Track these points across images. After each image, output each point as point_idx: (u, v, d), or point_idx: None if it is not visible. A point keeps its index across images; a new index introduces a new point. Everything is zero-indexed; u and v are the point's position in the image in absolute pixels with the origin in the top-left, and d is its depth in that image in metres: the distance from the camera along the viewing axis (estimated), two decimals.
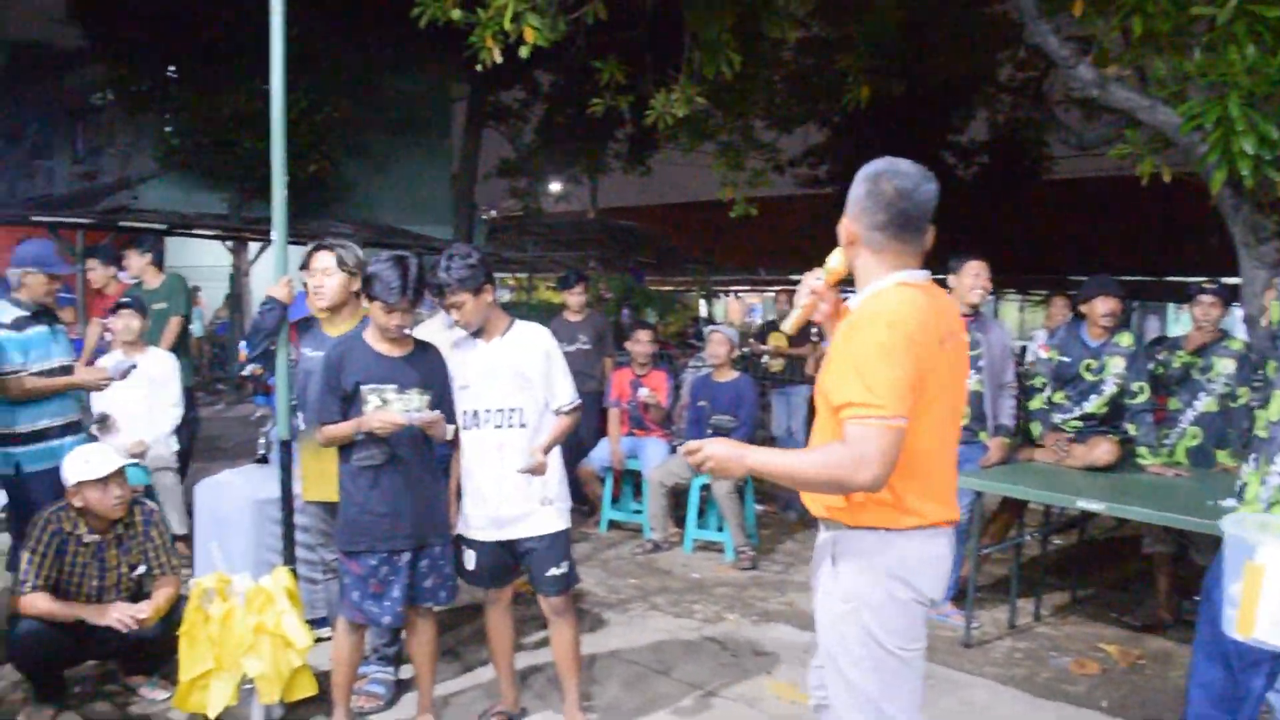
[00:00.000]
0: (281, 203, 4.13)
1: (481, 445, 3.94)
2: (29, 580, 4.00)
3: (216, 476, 4.98)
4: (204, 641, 3.92)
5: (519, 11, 6.61)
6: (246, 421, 12.59)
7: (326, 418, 3.84)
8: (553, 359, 3.98)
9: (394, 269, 3.73)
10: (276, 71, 4.06)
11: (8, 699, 4.38)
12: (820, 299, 2.74)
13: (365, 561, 3.84)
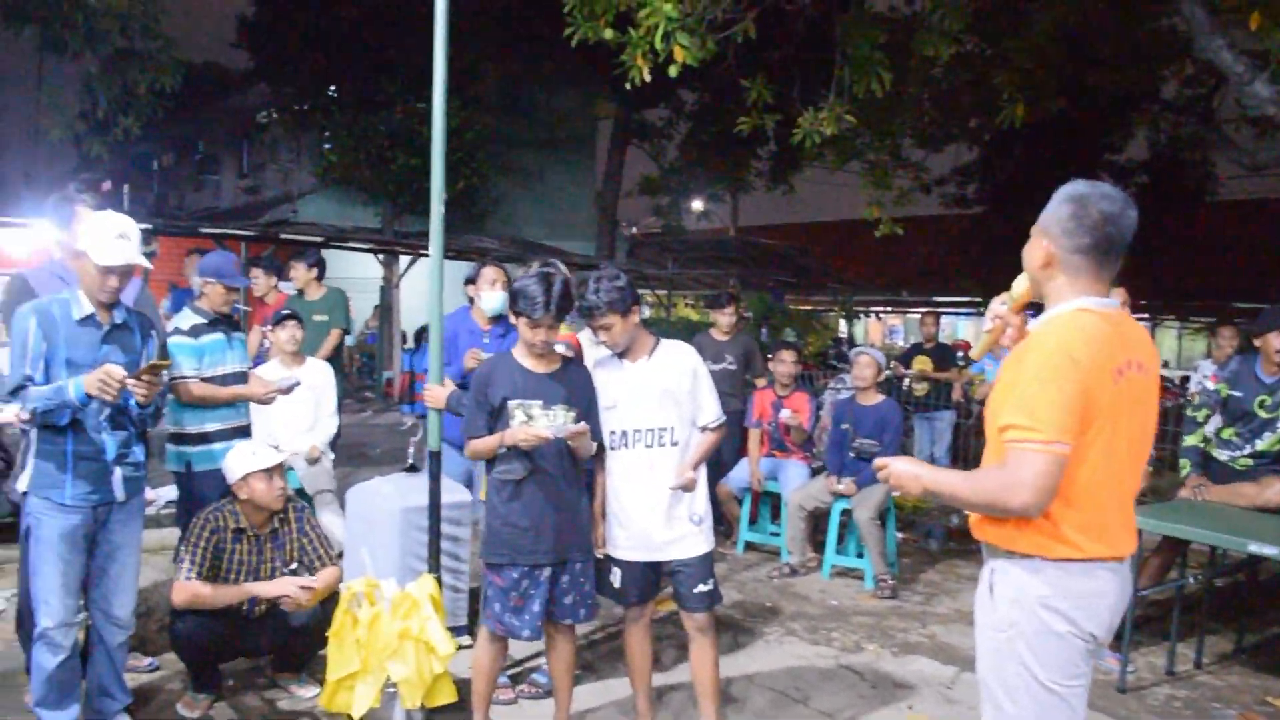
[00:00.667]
0: (438, 219, 4.24)
1: (631, 465, 3.96)
2: (186, 572, 4.19)
3: (367, 483, 5.12)
4: (351, 644, 4.02)
5: (669, 31, 6.65)
6: (393, 429, 12.99)
7: (473, 431, 3.90)
8: (699, 377, 3.98)
9: (539, 284, 3.76)
10: (438, 93, 4.16)
11: (167, 687, 4.60)
12: (1006, 324, 2.71)
13: (507, 574, 3.87)
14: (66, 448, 3.72)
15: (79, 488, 3.73)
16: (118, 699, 4.04)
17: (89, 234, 3.66)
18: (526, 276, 3.85)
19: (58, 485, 3.72)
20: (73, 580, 3.78)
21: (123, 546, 3.92)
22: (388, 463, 9.47)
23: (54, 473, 3.72)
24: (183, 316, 4.86)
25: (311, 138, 20.66)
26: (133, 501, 3.92)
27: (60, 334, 3.70)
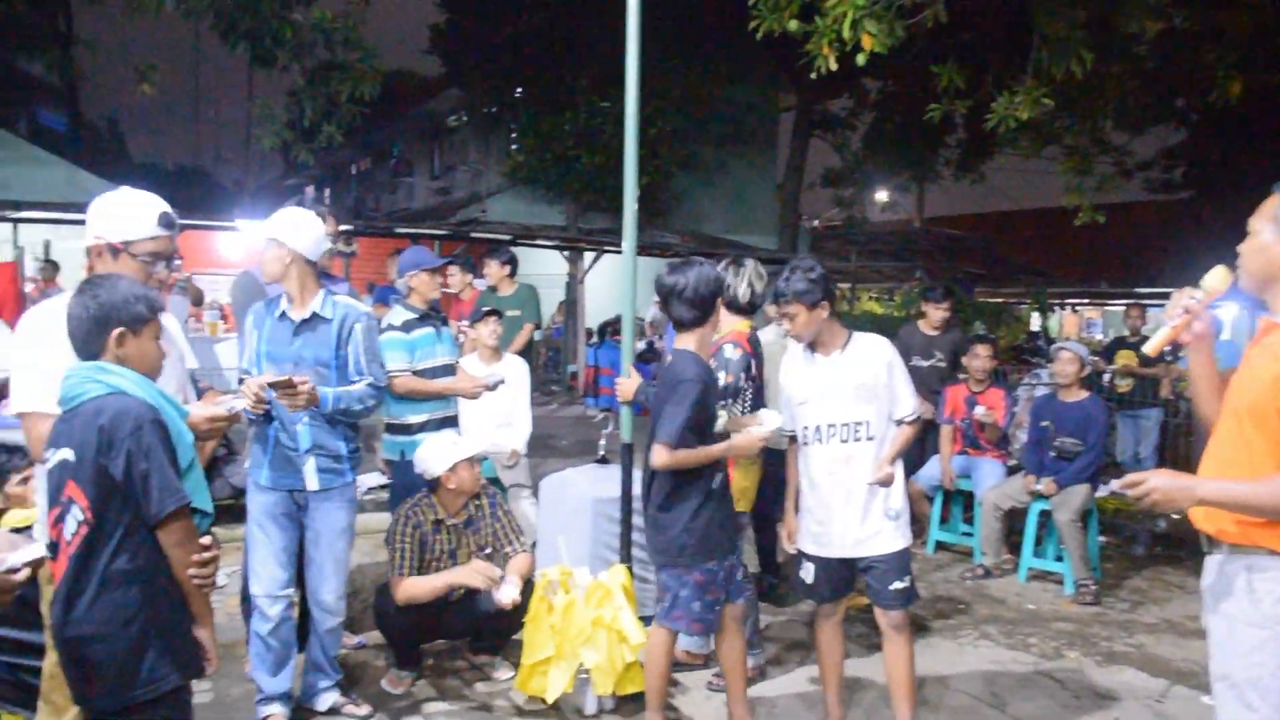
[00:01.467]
0: (631, 215, 4.28)
1: (826, 460, 3.91)
2: (398, 568, 4.40)
3: (561, 474, 5.25)
4: (546, 629, 4.14)
5: (857, 18, 6.53)
6: (578, 421, 13.25)
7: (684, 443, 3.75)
8: (894, 369, 3.90)
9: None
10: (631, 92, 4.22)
11: (374, 663, 4.83)
12: (1194, 318, 2.61)
13: (709, 571, 3.87)
14: (269, 434, 3.99)
15: (274, 471, 4.00)
16: (329, 675, 4.27)
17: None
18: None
19: (259, 467, 4.02)
20: (280, 555, 4.03)
21: (325, 534, 4.11)
22: (575, 454, 9.67)
23: (259, 456, 4.02)
24: (395, 313, 5.07)
25: (499, 139, 21.28)
26: (333, 491, 4.07)
27: (265, 329, 4.04)
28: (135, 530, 2.46)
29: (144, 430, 2.44)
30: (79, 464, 2.46)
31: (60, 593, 2.48)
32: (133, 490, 2.44)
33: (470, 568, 4.40)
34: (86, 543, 2.45)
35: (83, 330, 2.56)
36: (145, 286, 2.60)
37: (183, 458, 2.54)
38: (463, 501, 4.53)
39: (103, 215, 2.98)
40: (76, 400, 2.51)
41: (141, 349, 2.60)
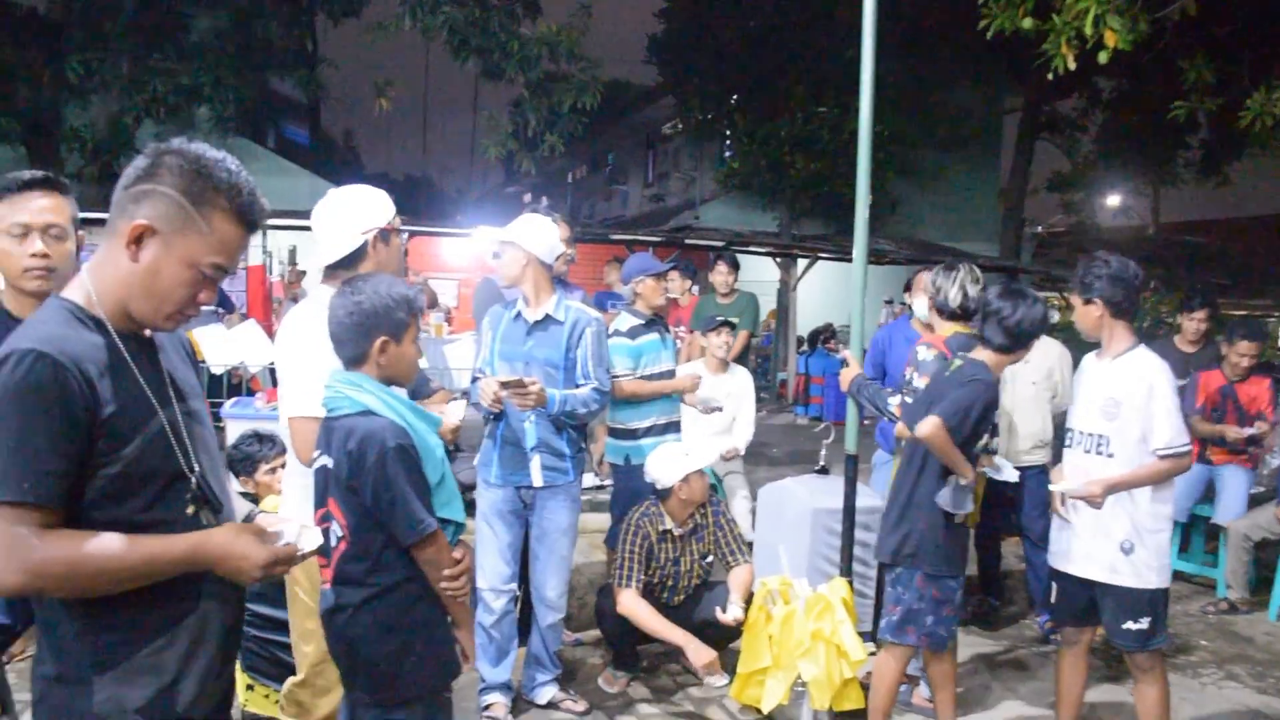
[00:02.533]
0: (863, 222, 4.20)
1: (1071, 467, 3.82)
2: (624, 578, 4.45)
3: (780, 483, 5.21)
4: (764, 639, 4.10)
5: (1100, 14, 6.18)
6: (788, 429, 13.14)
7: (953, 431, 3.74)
8: (1156, 393, 3.62)
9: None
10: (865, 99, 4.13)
11: (590, 660, 4.92)
12: None
13: (947, 585, 3.81)
14: (498, 432, 4.14)
15: (502, 468, 4.13)
16: (548, 669, 4.38)
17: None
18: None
19: (488, 464, 4.17)
20: (505, 551, 4.17)
21: (550, 531, 4.22)
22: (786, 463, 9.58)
23: (488, 453, 4.17)
24: (621, 319, 5.15)
25: (713, 146, 21.42)
26: (558, 489, 4.19)
27: (500, 329, 4.22)
28: (390, 545, 2.52)
29: (388, 459, 2.45)
30: (336, 484, 2.55)
31: (328, 596, 2.58)
32: (381, 517, 2.49)
33: (692, 646, 4.31)
34: (346, 558, 2.54)
35: (346, 335, 2.59)
36: (407, 287, 2.63)
37: (432, 474, 2.55)
38: (690, 511, 4.55)
39: (360, 210, 3.03)
40: (333, 411, 2.58)
41: (401, 354, 2.61)
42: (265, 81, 16.15)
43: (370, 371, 2.58)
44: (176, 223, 1.79)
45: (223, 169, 1.83)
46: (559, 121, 12.64)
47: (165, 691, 1.81)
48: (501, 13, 12.19)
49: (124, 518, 1.76)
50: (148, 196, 1.79)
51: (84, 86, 12.50)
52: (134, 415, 1.78)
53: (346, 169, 33.78)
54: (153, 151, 1.83)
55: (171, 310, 1.85)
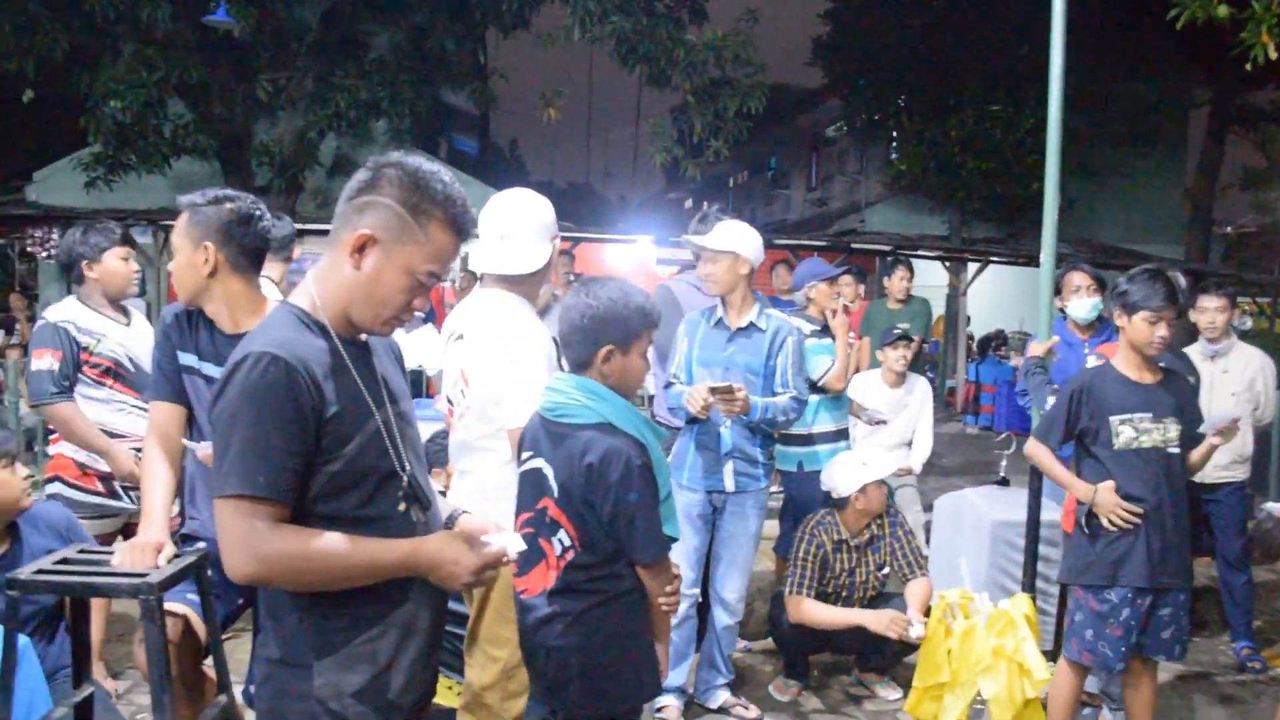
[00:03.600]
0: (1051, 225, 4.05)
1: None
2: (797, 587, 4.41)
3: (958, 494, 5.08)
4: (942, 654, 4.00)
5: None
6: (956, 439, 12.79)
7: (1049, 440, 3.76)
8: None
9: (1149, 278, 3.63)
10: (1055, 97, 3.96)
11: (760, 668, 4.89)
12: None
13: (1105, 598, 3.64)
14: (693, 436, 4.17)
15: (696, 472, 4.13)
16: (722, 674, 4.37)
17: None
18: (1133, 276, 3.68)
19: (680, 468, 4.16)
20: (691, 555, 4.17)
21: (737, 535, 4.23)
22: (957, 473, 9.33)
23: (681, 457, 4.18)
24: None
25: (879, 148, 21.04)
26: (748, 495, 4.21)
27: (697, 336, 4.22)
28: (619, 557, 2.49)
29: (632, 477, 2.41)
30: (564, 493, 2.49)
31: (541, 605, 2.54)
32: (617, 533, 2.45)
33: (882, 616, 4.25)
34: (574, 566, 2.49)
35: (575, 338, 2.53)
36: (644, 297, 2.56)
37: (662, 488, 2.51)
38: (866, 521, 4.47)
39: (547, 214, 3.07)
40: (562, 416, 2.52)
41: (627, 366, 2.53)
42: (438, 94, 16.71)
43: (594, 378, 2.52)
44: (396, 232, 1.88)
45: (438, 181, 1.91)
46: (724, 127, 12.63)
47: (379, 678, 1.92)
48: (668, 20, 12.27)
49: (342, 512, 1.87)
50: (370, 207, 1.88)
51: (272, 104, 13.20)
52: (354, 415, 1.88)
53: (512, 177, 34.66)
54: (373, 164, 1.93)
55: (389, 316, 1.94)
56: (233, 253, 2.93)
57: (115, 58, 12.20)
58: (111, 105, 11.70)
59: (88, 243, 4.04)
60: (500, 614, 2.91)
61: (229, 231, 2.93)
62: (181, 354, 2.95)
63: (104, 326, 4.02)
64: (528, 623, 2.58)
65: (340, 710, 1.88)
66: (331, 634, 1.89)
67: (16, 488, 3.00)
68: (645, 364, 2.59)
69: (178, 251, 2.94)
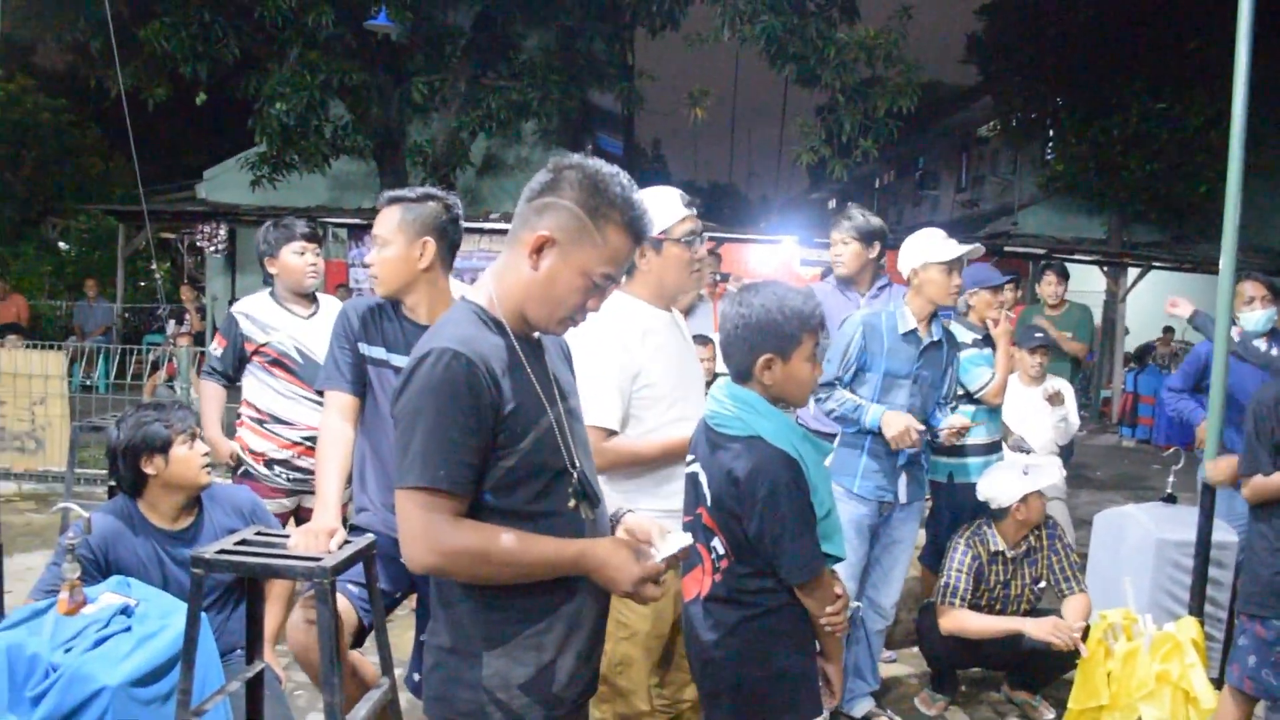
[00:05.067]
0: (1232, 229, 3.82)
1: None
2: (949, 597, 4.30)
3: (1120, 509, 4.85)
4: (1102, 676, 3.85)
5: None
6: (1112, 451, 12.28)
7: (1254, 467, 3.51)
8: None
9: None
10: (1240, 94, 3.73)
11: (904, 680, 4.78)
12: None
13: (1273, 626, 3.43)
14: (865, 444, 4.03)
15: (868, 481, 4.03)
16: (868, 682, 4.30)
17: (924, 241, 4.06)
18: None
19: (851, 474, 4.04)
20: (854, 565, 4.07)
21: (899, 542, 4.19)
22: (1111, 487, 8.96)
23: (850, 462, 4.05)
24: (957, 331, 5.00)
25: (1034, 148, 20.35)
26: (914, 505, 4.16)
27: (883, 345, 4.01)
28: (773, 571, 2.39)
29: (779, 495, 2.31)
30: (716, 503, 2.42)
31: (698, 611, 2.51)
32: (766, 552, 2.36)
33: (1046, 625, 4.11)
34: (729, 574, 2.43)
35: (732, 349, 2.45)
36: (803, 299, 2.43)
37: (819, 506, 2.38)
38: (1024, 533, 4.32)
39: None
40: (719, 425, 2.45)
41: (790, 374, 2.40)
42: (586, 95, 16.92)
43: (756, 389, 2.42)
44: (574, 234, 1.90)
45: (617, 184, 1.92)
46: (873, 126, 12.43)
47: (545, 670, 1.95)
48: (819, 19, 12.14)
49: (514, 507, 1.90)
50: (550, 209, 1.91)
51: (426, 105, 13.60)
52: (529, 412, 1.91)
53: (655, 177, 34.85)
54: (553, 167, 1.95)
55: (564, 315, 1.97)
56: (444, 249, 3.04)
57: (281, 62, 12.79)
58: (277, 107, 12.25)
59: (268, 239, 4.25)
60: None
61: (444, 228, 3.04)
62: (369, 347, 3.05)
63: (280, 320, 4.21)
64: (690, 628, 2.56)
65: (506, 700, 1.92)
66: (501, 625, 1.93)
67: (196, 464, 3.14)
68: (813, 369, 2.46)
69: (388, 244, 3.01)
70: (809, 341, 2.41)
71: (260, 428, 4.17)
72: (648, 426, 2.90)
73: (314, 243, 4.28)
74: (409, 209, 3.01)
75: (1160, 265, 14.96)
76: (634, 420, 2.90)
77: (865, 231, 4.75)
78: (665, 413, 2.90)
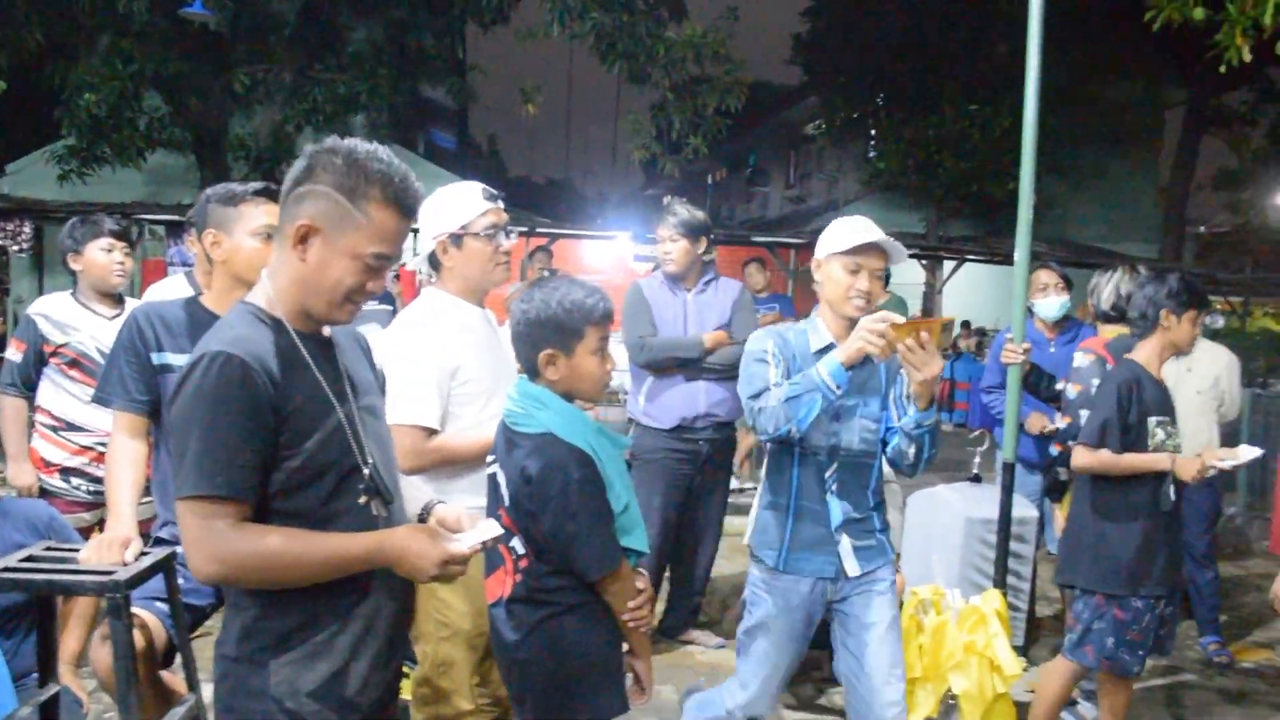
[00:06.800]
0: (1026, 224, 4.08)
1: None
2: None
3: (931, 490, 5.10)
4: (914, 649, 4.02)
5: None
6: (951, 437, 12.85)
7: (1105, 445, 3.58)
8: None
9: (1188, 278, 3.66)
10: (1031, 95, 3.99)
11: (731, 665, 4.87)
12: None
13: (1130, 606, 3.60)
14: (788, 499, 3.15)
15: (800, 554, 3.16)
16: None
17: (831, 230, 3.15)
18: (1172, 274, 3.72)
19: (772, 545, 3.19)
20: (779, 669, 3.50)
21: (870, 626, 3.20)
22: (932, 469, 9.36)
23: (771, 530, 3.20)
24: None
25: (858, 146, 21.13)
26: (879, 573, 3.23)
27: (795, 371, 3.01)
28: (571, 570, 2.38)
29: (572, 491, 2.29)
30: (513, 502, 2.41)
31: (501, 613, 2.47)
32: (561, 549, 2.34)
33: None
34: (530, 574, 2.41)
35: (519, 346, 2.44)
36: (588, 292, 2.41)
37: (616, 501, 2.37)
38: None
39: (433, 213, 2.98)
40: (515, 424, 2.42)
41: (576, 368, 2.40)
42: (417, 89, 16.65)
43: (546, 385, 2.42)
44: (336, 218, 1.86)
45: (374, 160, 1.88)
46: (703, 124, 12.65)
47: (336, 676, 1.90)
48: (648, 17, 12.27)
49: (303, 508, 1.86)
50: (308, 197, 1.87)
51: (249, 97, 13.11)
52: (314, 411, 1.87)
53: (488, 174, 34.58)
54: (308, 154, 1.90)
55: (341, 299, 1.91)
56: None
57: (91, 50, 12.11)
58: (86, 98, 11.58)
59: (74, 235, 4.03)
60: (424, 609, 2.81)
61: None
62: (163, 355, 2.90)
63: (81, 319, 4.01)
64: (494, 629, 2.53)
65: (296, 709, 1.86)
66: (288, 630, 1.87)
67: None
68: (601, 363, 2.43)
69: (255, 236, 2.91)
70: (593, 335, 2.40)
71: (54, 435, 3.96)
72: (466, 423, 2.87)
73: (123, 240, 4.08)
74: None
75: (973, 258, 15.72)
76: (453, 417, 2.87)
77: (692, 227, 4.77)
78: (483, 409, 2.87)
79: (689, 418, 4.73)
